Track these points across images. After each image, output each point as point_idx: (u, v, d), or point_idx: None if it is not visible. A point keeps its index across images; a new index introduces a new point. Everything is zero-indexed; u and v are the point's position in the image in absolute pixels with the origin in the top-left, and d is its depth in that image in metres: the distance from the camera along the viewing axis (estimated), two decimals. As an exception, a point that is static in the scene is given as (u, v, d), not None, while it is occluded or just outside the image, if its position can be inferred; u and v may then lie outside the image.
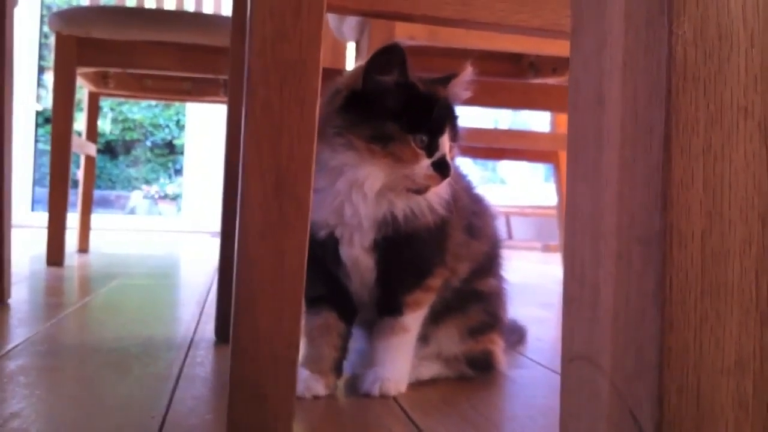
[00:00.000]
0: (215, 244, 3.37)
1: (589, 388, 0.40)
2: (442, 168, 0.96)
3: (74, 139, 2.48)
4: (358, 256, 0.97)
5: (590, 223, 0.41)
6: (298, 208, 0.70)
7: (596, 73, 0.41)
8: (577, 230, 0.42)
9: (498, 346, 1.10)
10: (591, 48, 0.42)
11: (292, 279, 0.70)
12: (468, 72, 1.04)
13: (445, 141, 0.98)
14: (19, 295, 1.70)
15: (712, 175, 0.35)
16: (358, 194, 0.95)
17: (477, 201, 1.10)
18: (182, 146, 6.06)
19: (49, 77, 4.71)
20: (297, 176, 0.70)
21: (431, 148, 0.97)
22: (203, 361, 1.11)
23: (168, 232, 5.21)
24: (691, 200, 0.35)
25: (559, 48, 1.96)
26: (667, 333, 0.34)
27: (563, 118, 2.37)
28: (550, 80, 2.42)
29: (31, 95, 5.25)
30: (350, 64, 2.47)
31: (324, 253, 0.97)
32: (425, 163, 0.96)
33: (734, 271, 0.35)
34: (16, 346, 1.15)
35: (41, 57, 5.38)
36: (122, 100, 5.69)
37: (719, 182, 0.35)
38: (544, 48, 2.11)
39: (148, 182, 6.83)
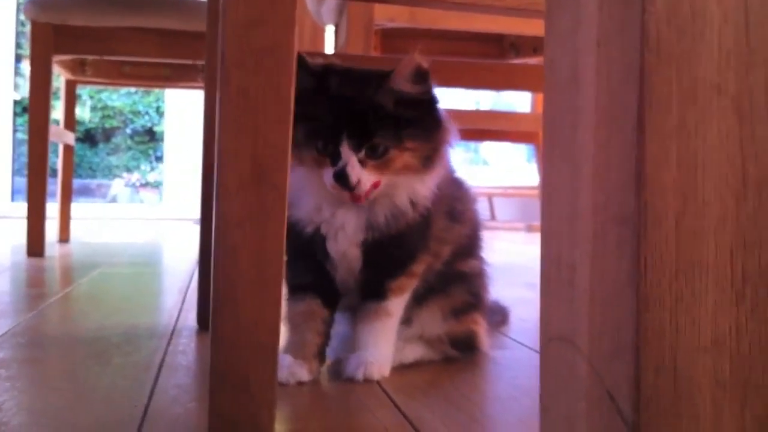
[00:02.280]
0: (197, 231, 3.35)
1: (567, 369, 0.40)
2: (340, 179, 0.91)
3: (52, 128, 2.46)
4: (345, 251, 0.97)
5: (566, 203, 0.41)
6: (276, 194, 0.69)
7: (571, 52, 0.41)
8: (553, 210, 0.42)
9: (481, 327, 1.10)
10: (565, 27, 0.42)
11: (271, 265, 0.69)
12: (410, 62, 0.94)
13: (345, 149, 0.92)
14: (-1, 286, 1.69)
15: (687, 153, 0.35)
16: (328, 198, 0.96)
17: (458, 186, 1.10)
18: (162, 133, 6.02)
19: (26, 66, 4.66)
20: (274, 162, 0.70)
21: (335, 155, 0.92)
22: (185, 349, 1.10)
23: (150, 219, 5.18)
24: (665, 179, 0.35)
25: (539, 28, 1.96)
26: (643, 313, 0.34)
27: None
28: (531, 60, 2.42)
29: (8, 84, 5.19)
30: (329, 47, 2.45)
31: (311, 247, 0.97)
32: (328, 172, 0.93)
33: (709, 250, 0.35)
34: (-3, 339, 1.14)
35: (18, 45, 5.32)
36: (101, 87, 5.64)
37: (693, 160, 0.35)
38: (524, 28, 2.10)
39: (128, 170, 6.79)
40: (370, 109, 0.94)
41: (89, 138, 6.77)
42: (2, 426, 0.74)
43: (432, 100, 0.98)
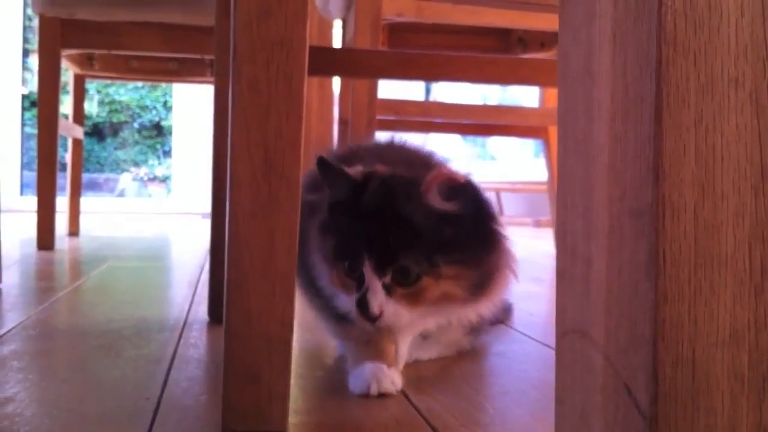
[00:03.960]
0: (206, 225, 3.36)
1: (583, 362, 0.40)
2: (362, 308, 0.80)
3: (61, 122, 2.46)
4: None
5: (581, 197, 0.41)
6: (288, 186, 0.69)
7: (586, 45, 0.41)
8: (568, 204, 0.42)
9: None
10: (580, 19, 0.42)
11: (284, 258, 0.69)
12: (437, 176, 0.81)
13: (368, 272, 0.80)
14: (10, 279, 1.69)
15: (704, 146, 0.35)
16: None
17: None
18: (170, 127, 6.03)
19: (33, 60, 4.68)
20: (286, 155, 0.70)
21: (360, 279, 0.82)
22: (197, 342, 1.11)
23: (158, 214, 5.19)
24: (683, 172, 0.35)
25: (547, 22, 1.95)
26: (661, 305, 0.34)
27: (552, 93, 2.37)
28: (539, 55, 2.42)
29: (16, 79, 5.20)
30: (337, 41, 2.45)
31: None
32: (353, 298, 0.82)
33: (728, 243, 0.35)
34: (9, 331, 1.14)
35: (25, 40, 5.33)
36: (108, 81, 5.65)
37: (711, 154, 0.35)
38: (532, 23, 2.10)
39: (136, 164, 6.80)
40: (395, 225, 0.80)
41: (97, 132, 6.78)
42: (16, 417, 0.75)
43: (478, 217, 0.85)
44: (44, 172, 2.37)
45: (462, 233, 0.82)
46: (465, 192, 0.82)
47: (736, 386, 0.35)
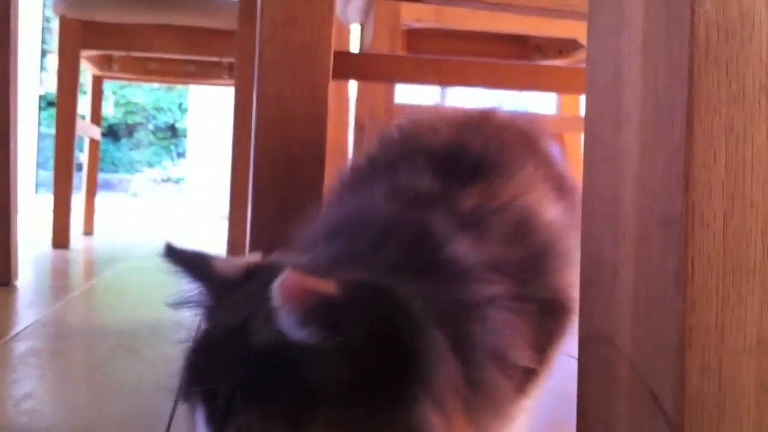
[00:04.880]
0: (220, 226, 3.37)
1: (608, 369, 0.40)
2: None
3: (78, 122, 2.48)
4: None
5: (608, 205, 0.41)
6: (311, 192, 0.70)
7: (614, 54, 0.41)
8: (594, 212, 0.42)
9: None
10: (608, 28, 0.42)
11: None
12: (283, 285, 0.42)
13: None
14: (25, 277, 1.70)
15: (734, 155, 0.35)
16: None
17: None
18: (185, 129, 6.06)
19: (50, 61, 4.70)
20: (308, 160, 0.70)
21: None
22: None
23: (171, 215, 5.21)
24: (713, 181, 0.35)
25: (565, 30, 1.95)
26: (689, 313, 0.34)
27: (568, 99, 2.37)
28: (556, 62, 2.42)
29: (33, 79, 5.24)
30: (354, 46, 2.46)
31: None
32: None
33: (756, 252, 0.35)
34: (26, 328, 1.15)
35: (43, 41, 5.37)
36: (125, 83, 5.68)
37: (741, 163, 0.35)
38: (550, 30, 2.10)
39: (150, 165, 6.83)
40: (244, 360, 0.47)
41: (112, 133, 6.82)
42: (35, 413, 0.75)
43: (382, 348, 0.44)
44: (61, 172, 2.39)
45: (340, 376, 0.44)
46: (332, 312, 0.44)
47: (762, 394, 0.35)
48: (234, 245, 1.22)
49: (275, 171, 0.70)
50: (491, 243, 0.53)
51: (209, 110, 5.41)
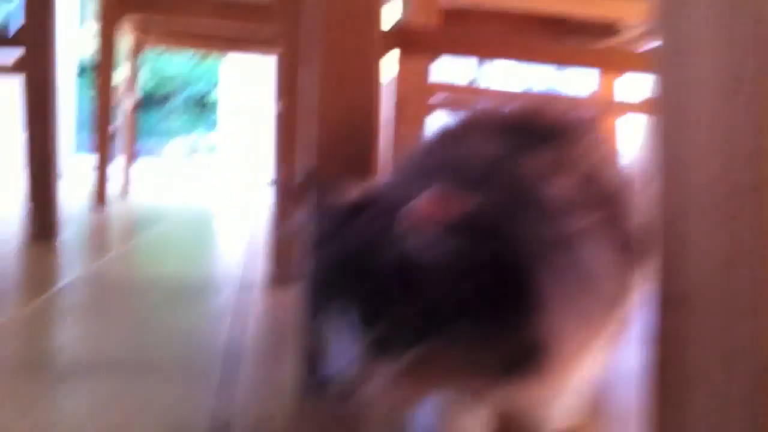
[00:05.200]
0: (252, 195, 3.40)
1: (685, 332, 0.40)
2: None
3: (116, 88, 2.52)
4: None
5: (681, 174, 0.41)
6: (367, 149, 0.71)
7: (686, 23, 0.42)
8: (668, 182, 0.43)
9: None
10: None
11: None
12: (416, 211, 0.51)
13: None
14: (66, 235, 1.74)
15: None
16: None
17: None
18: (217, 100, 6.09)
19: (89, 27, 4.73)
20: (360, 125, 0.72)
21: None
22: (258, 302, 1.13)
23: (204, 182, 5.25)
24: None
25: (606, 9, 1.94)
26: (768, 279, 0.35)
27: (607, 82, 2.35)
28: (596, 43, 2.40)
29: (72, 45, 5.28)
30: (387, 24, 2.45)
31: None
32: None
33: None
34: (68, 283, 1.18)
35: (82, 6, 5.40)
36: (159, 53, 5.70)
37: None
38: (590, 10, 2.08)
39: (183, 134, 6.87)
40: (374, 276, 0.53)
41: (145, 102, 6.87)
42: (97, 352, 0.78)
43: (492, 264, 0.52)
44: (100, 136, 2.43)
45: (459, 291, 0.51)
46: (464, 229, 0.51)
47: None
48: (281, 209, 1.23)
49: (329, 133, 0.71)
50: (574, 188, 0.58)
51: (241, 80, 5.44)
